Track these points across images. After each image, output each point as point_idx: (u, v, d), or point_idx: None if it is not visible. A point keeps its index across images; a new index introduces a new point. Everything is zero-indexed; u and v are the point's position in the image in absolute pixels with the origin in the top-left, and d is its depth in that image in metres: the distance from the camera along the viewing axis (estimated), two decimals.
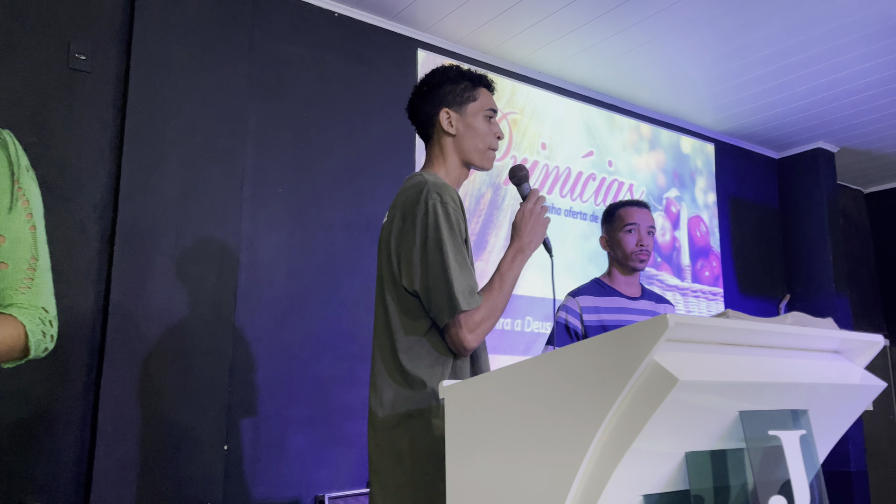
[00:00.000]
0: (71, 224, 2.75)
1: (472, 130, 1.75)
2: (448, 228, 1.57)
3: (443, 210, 1.58)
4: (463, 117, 1.76)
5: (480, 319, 1.57)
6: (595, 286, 2.54)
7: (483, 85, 1.80)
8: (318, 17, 3.52)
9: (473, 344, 1.57)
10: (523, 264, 1.67)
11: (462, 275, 1.56)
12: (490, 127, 1.77)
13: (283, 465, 3.07)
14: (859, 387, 1.29)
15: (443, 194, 1.60)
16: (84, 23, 2.88)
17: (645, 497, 1.12)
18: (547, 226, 1.72)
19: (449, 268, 1.54)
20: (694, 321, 1.02)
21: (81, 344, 2.70)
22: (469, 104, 1.76)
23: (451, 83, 1.77)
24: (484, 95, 1.79)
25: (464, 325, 1.55)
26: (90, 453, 2.65)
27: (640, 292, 2.56)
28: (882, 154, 5.71)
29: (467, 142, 1.76)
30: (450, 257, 1.55)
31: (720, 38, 3.93)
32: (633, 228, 2.49)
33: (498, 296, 1.61)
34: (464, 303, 1.53)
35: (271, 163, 3.28)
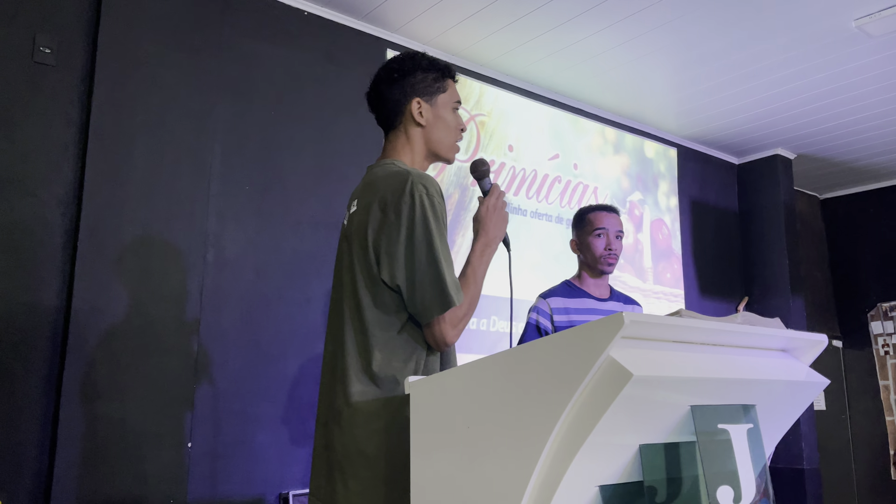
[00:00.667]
0: (34, 219, 2.71)
1: (443, 122, 1.74)
2: (436, 222, 1.54)
3: (429, 203, 1.54)
4: (433, 108, 1.73)
5: (462, 314, 1.56)
6: (565, 288, 2.61)
7: (451, 76, 1.78)
8: (287, 16, 3.52)
9: (455, 339, 1.56)
10: (491, 257, 1.67)
11: (450, 270, 1.55)
12: (456, 119, 1.77)
13: (248, 462, 3.07)
14: (804, 383, 1.36)
15: (428, 186, 1.56)
16: (50, 16, 2.85)
17: (601, 488, 1.17)
18: (507, 220, 1.72)
19: (440, 263, 1.52)
20: (648, 319, 1.07)
21: (44, 340, 2.67)
22: (439, 95, 1.74)
23: (422, 72, 1.73)
24: (451, 87, 1.77)
25: (448, 320, 1.54)
26: (51, 451, 2.62)
27: (608, 294, 2.63)
28: (837, 161, 5.89)
29: (436, 133, 1.73)
30: (439, 252, 1.53)
31: (683, 46, 4.03)
32: (601, 233, 2.56)
33: (474, 290, 1.61)
34: (456, 298, 1.52)
35: (239, 160, 3.28)
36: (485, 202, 1.71)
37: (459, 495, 1.19)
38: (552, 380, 1.08)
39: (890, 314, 6.27)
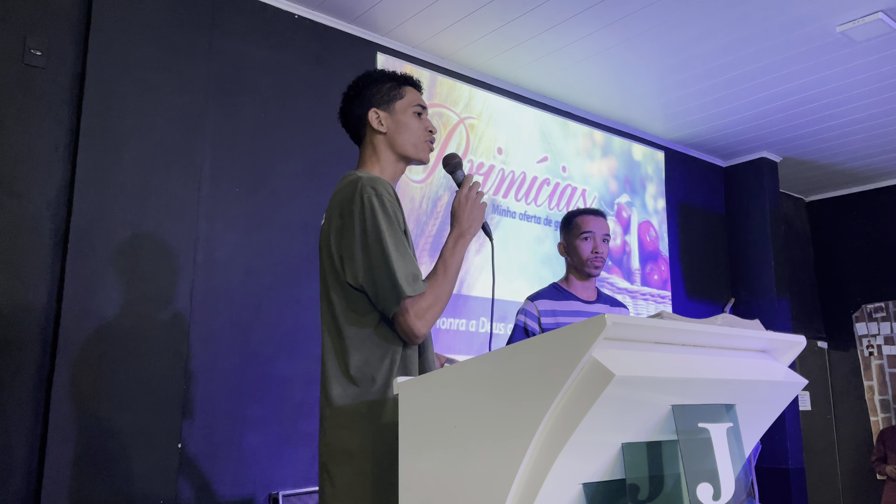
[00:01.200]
0: (24, 221, 2.72)
1: (403, 126, 1.80)
2: (385, 218, 1.60)
3: (378, 202, 1.60)
4: (392, 115, 1.80)
5: (427, 305, 1.59)
6: (553, 290, 2.65)
7: (408, 83, 1.85)
8: (277, 19, 3.54)
9: (423, 330, 1.60)
10: (465, 249, 1.70)
11: (403, 262, 1.58)
12: (420, 122, 1.82)
13: (238, 463, 3.09)
14: (783, 383, 1.40)
15: (377, 187, 1.63)
16: (40, 18, 2.85)
17: (584, 486, 1.20)
18: (484, 210, 1.74)
19: (390, 256, 1.57)
20: (630, 321, 1.10)
21: (34, 341, 2.68)
22: (396, 102, 1.81)
23: (376, 84, 1.82)
24: (410, 93, 1.83)
25: (411, 311, 1.58)
26: (41, 451, 2.63)
27: (595, 296, 2.67)
28: (823, 164, 5.97)
29: (399, 137, 1.80)
30: (389, 246, 1.57)
31: (671, 50, 4.08)
32: (588, 236, 2.60)
33: (443, 281, 1.64)
34: (408, 288, 1.55)
35: (229, 162, 3.29)
36: (458, 193, 1.75)
37: (447, 493, 1.22)
38: (537, 380, 1.11)
39: (874, 316, 6.34)
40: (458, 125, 4.20)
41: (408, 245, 1.65)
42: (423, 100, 1.86)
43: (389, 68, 1.89)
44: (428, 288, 1.61)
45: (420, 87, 1.88)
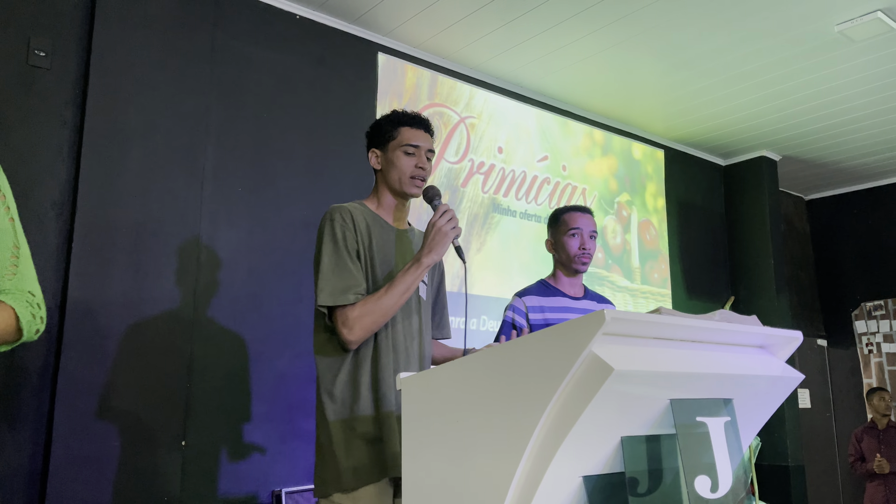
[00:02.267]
0: (29, 220, 2.74)
1: (391, 165, 2.00)
2: (331, 238, 1.88)
3: (329, 226, 1.90)
4: (385, 154, 2.02)
5: (355, 316, 1.81)
6: (540, 287, 2.67)
7: (405, 124, 2.02)
8: (279, 19, 3.56)
9: (351, 338, 1.82)
10: (418, 272, 1.86)
11: (333, 276, 1.84)
12: (408, 160, 1.99)
13: (241, 460, 3.11)
14: (780, 378, 1.42)
15: (334, 213, 1.91)
16: (44, 19, 2.87)
17: (584, 478, 1.22)
18: (451, 238, 1.88)
19: (321, 270, 1.85)
20: (628, 316, 1.12)
21: (38, 341, 2.70)
22: (390, 142, 2.01)
23: (378, 127, 2.05)
24: (404, 133, 2.01)
25: (339, 320, 1.83)
26: (46, 449, 2.65)
27: (582, 293, 2.69)
28: (822, 163, 5.99)
29: (389, 174, 2.01)
30: (324, 261, 1.86)
31: (670, 50, 4.10)
32: (576, 233, 2.61)
33: (382, 297, 1.83)
34: (326, 298, 1.82)
35: (231, 162, 3.31)
36: (430, 221, 1.91)
37: (449, 485, 1.24)
38: (537, 375, 1.13)
39: (874, 314, 6.37)
40: (458, 124, 4.23)
41: (355, 261, 1.88)
42: (424, 138, 2.03)
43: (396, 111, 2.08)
44: (361, 300, 1.83)
45: (420, 125, 2.04)
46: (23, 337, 1.34)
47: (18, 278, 1.36)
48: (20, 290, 1.35)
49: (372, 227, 1.96)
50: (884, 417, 5.25)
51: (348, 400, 1.85)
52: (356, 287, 1.85)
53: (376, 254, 1.94)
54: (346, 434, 1.83)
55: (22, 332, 1.33)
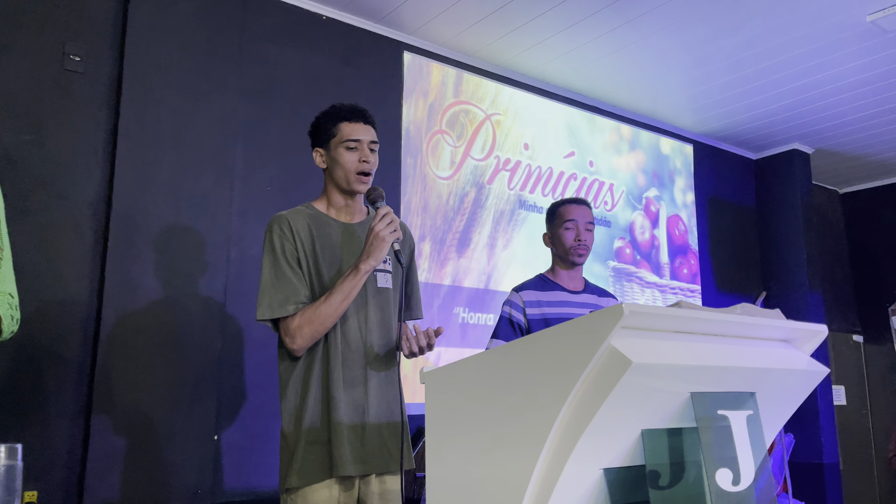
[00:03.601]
0: (66, 221, 2.82)
1: (335, 162, 2.01)
2: (269, 249, 1.93)
3: (268, 237, 1.95)
4: (328, 152, 2.03)
5: (296, 326, 1.86)
6: (538, 281, 2.63)
7: (342, 119, 2.01)
8: (306, 20, 3.61)
9: (294, 346, 1.87)
10: (356, 279, 1.88)
11: (272, 288, 1.89)
12: (351, 155, 1.99)
13: (272, 454, 3.16)
14: (805, 372, 1.41)
15: (273, 224, 1.96)
16: (78, 26, 2.95)
17: (605, 471, 1.23)
18: (390, 243, 1.89)
19: (261, 283, 1.91)
20: (647, 310, 1.13)
21: (76, 336, 2.78)
22: (331, 140, 2.02)
23: (317, 125, 2.07)
24: (343, 128, 2.00)
25: (282, 330, 1.90)
26: (84, 443, 2.73)
27: (582, 286, 2.64)
28: (856, 155, 5.87)
29: (334, 172, 2.02)
30: (263, 274, 1.92)
31: (698, 42, 4.06)
32: (571, 225, 2.57)
33: (321, 306, 1.86)
34: (264, 311, 1.88)
35: (260, 161, 3.37)
36: (370, 225, 1.92)
37: (471, 477, 1.26)
38: (556, 368, 1.15)
39: None
40: (484, 122, 4.24)
41: (296, 270, 1.91)
42: (363, 130, 2.01)
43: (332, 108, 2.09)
44: (301, 310, 1.87)
45: (359, 117, 2.02)
46: (1, 337, 1.38)
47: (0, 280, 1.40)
48: (1, 291, 1.39)
49: (315, 229, 1.97)
50: None
51: (298, 403, 1.93)
52: (295, 296, 1.89)
53: (320, 255, 1.96)
54: (296, 436, 1.91)
55: (1, 333, 1.37)
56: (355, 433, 1.91)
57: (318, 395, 1.91)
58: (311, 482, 1.87)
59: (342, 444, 1.87)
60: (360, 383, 1.94)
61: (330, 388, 1.90)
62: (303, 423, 1.89)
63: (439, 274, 3.87)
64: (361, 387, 1.94)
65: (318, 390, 1.91)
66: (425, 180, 3.91)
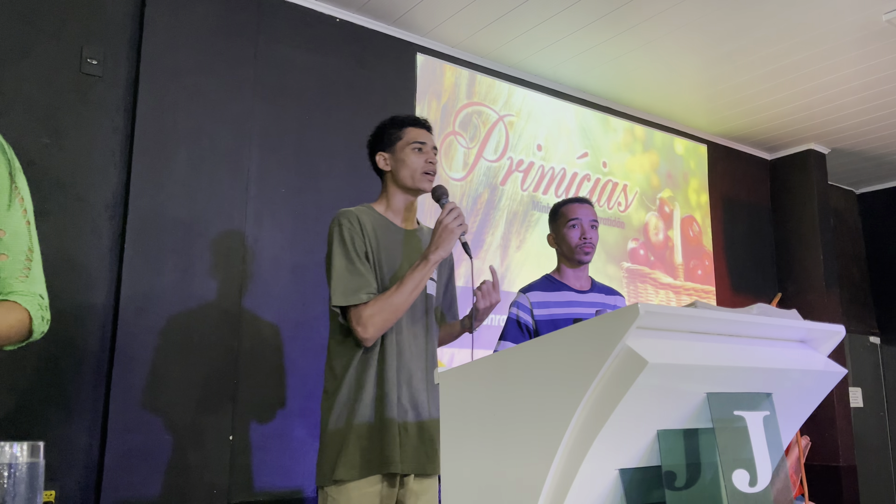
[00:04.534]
0: (84, 222, 2.85)
1: (402, 163, 2.09)
2: (339, 241, 1.97)
3: (337, 229, 1.99)
4: (393, 155, 2.11)
5: (368, 314, 1.90)
6: (545, 282, 2.63)
7: (409, 125, 2.13)
8: (320, 23, 3.63)
9: (366, 335, 1.91)
10: (426, 269, 1.95)
11: (344, 277, 1.93)
12: (418, 156, 2.08)
13: (287, 455, 3.18)
14: (822, 373, 1.40)
15: (341, 218, 2.01)
16: (96, 29, 2.99)
17: (621, 471, 1.23)
18: (458, 235, 1.97)
19: (333, 272, 1.94)
20: (662, 310, 1.13)
21: (94, 337, 2.81)
22: (397, 143, 2.11)
23: (381, 131, 2.16)
24: (409, 132, 2.11)
25: (353, 318, 1.92)
26: (102, 442, 2.76)
27: (589, 285, 2.63)
28: (873, 155, 5.82)
29: (399, 173, 2.09)
30: (335, 263, 1.95)
31: (712, 43, 4.04)
32: (575, 223, 2.58)
33: (393, 296, 1.92)
34: (339, 298, 1.91)
35: (275, 164, 3.39)
36: (437, 219, 2.00)
37: (486, 477, 1.26)
38: (572, 368, 1.15)
39: None
40: (497, 123, 4.24)
41: (364, 263, 1.97)
42: (428, 136, 2.13)
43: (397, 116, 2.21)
44: (373, 299, 1.91)
45: (423, 125, 2.15)
46: (31, 337, 1.41)
47: (30, 281, 1.43)
48: (32, 292, 1.41)
49: (378, 230, 2.04)
50: None
51: (351, 399, 1.95)
52: (367, 287, 1.94)
53: (383, 256, 2.03)
54: (346, 431, 1.93)
55: (32, 333, 1.40)
56: (405, 432, 1.97)
57: (373, 392, 1.96)
58: (359, 476, 1.91)
59: (393, 442, 1.93)
60: (411, 384, 2.02)
61: (385, 386, 1.96)
62: (355, 419, 1.94)
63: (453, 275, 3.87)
64: (412, 387, 2.02)
65: (374, 387, 1.97)
66: (438, 181, 3.91)
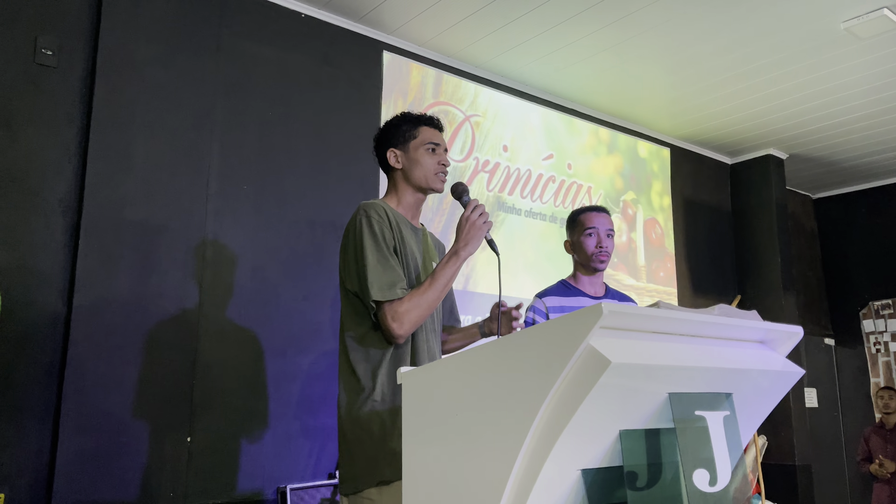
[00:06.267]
0: (36, 218, 2.77)
1: (416, 163, 2.04)
2: (370, 234, 1.88)
3: (366, 221, 1.90)
4: (406, 153, 2.05)
5: (404, 310, 1.83)
6: (561, 287, 2.71)
7: (423, 124, 2.07)
8: (284, 18, 3.58)
9: (399, 331, 1.83)
10: (456, 265, 1.91)
11: (378, 270, 1.85)
12: (432, 157, 2.04)
13: (246, 457, 3.12)
14: (780, 373, 1.42)
15: (368, 210, 1.93)
16: (51, 18, 2.90)
17: (583, 472, 1.22)
18: (485, 232, 1.93)
19: (367, 265, 1.85)
20: (626, 310, 1.12)
21: (46, 336, 2.73)
22: (411, 141, 2.05)
23: (394, 127, 2.09)
24: (424, 132, 2.06)
25: (388, 314, 1.83)
26: (53, 445, 2.67)
27: (603, 291, 2.72)
28: (829, 161, 5.96)
29: (413, 172, 2.04)
30: (368, 256, 1.86)
31: (676, 48, 4.09)
32: (592, 232, 2.66)
33: (426, 290, 1.87)
34: (376, 293, 1.82)
35: (237, 160, 3.33)
36: (462, 215, 1.96)
37: (449, 478, 1.25)
38: (536, 367, 1.14)
39: (882, 313, 6.34)
40: (463, 123, 4.23)
41: (394, 257, 1.91)
42: (440, 137, 2.09)
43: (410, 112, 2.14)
44: (408, 294, 1.85)
45: (437, 125, 2.10)
46: None
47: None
48: None
49: (401, 225, 2.00)
50: (889, 416, 5.21)
51: (389, 394, 1.87)
52: (401, 282, 1.88)
53: (407, 251, 1.99)
54: (386, 428, 1.84)
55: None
56: None
57: None
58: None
59: None
60: None
61: None
62: (396, 417, 1.86)
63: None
64: None
65: None
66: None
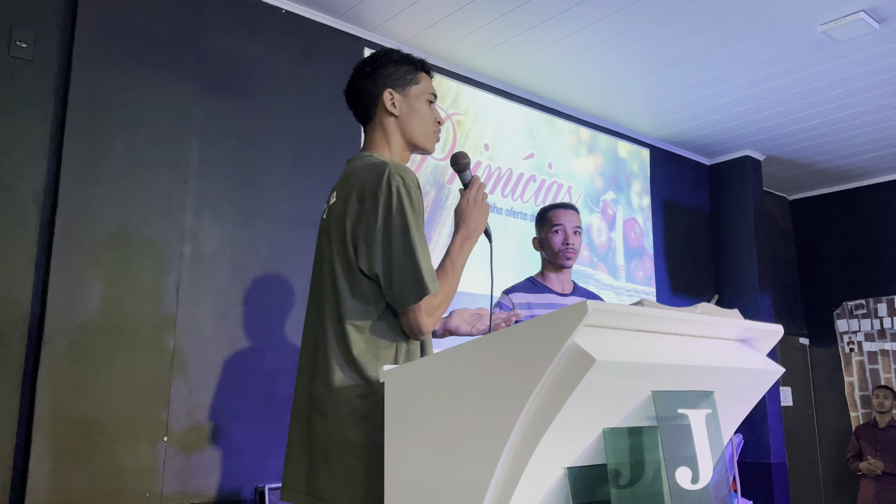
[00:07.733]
0: (9, 214, 2.71)
1: (416, 112, 1.77)
2: (412, 212, 1.56)
3: (406, 193, 1.57)
4: (406, 99, 1.77)
5: (437, 304, 1.58)
6: (528, 284, 2.73)
7: (424, 70, 1.82)
8: (265, 13, 3.54)
9: (430, 327, 1.58)
10: (471, 250, 1.70)
11: (427, 258, 1.56)
12: (431, 111, 1.80)
13: (224, 457, 3.09)
14: (761, 371, 1.43)
15: (405, 177, 1.58)
16: (27, 10, 2.84)
17: (568, 470, 1.22)
18: (488, 212, 1.74)
19: (416, 252, 1.54)
20: (611, 308, 1.12)
21: (18, 335, 2.67)
22: (412, 86, 1.78)
23: (394, 65, 1.78)
24: (425, 80, 1.81)
25: (424, 308, 1.55)
26: (26, 446, 2.62)
27: (571, 289, 2.73)
28: (805, 163, 6.04)
29: (411, 123, 1.77)
30: (415, 241, 1.55)
31: (655, 49, 4.11)
32: (559, 229, 2.68)
33: (451, 281, 1.63)
34: (431, 285, 1.54)
35: (216, 156, 3.29)
36: (465, 195, 1.73)
37: (432, 478, 1.24)
38: (520, 365, 1.13)
39: (855, 313, 6.43)
40: (444, 121, 4.22)
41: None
42: (435, 90, 1.85)
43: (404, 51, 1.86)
44: (440, 287, 1.59)
45: (432, 76, 1.86)
46: None
47: None
48: None
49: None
50: (882, 415, 5.28)
51: None
52: (434, 271, 1.61)
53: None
54: None
55: None
56: None
57: None
58: None
59: None
60: None
61: None
62: None
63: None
64: None
65: None
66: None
